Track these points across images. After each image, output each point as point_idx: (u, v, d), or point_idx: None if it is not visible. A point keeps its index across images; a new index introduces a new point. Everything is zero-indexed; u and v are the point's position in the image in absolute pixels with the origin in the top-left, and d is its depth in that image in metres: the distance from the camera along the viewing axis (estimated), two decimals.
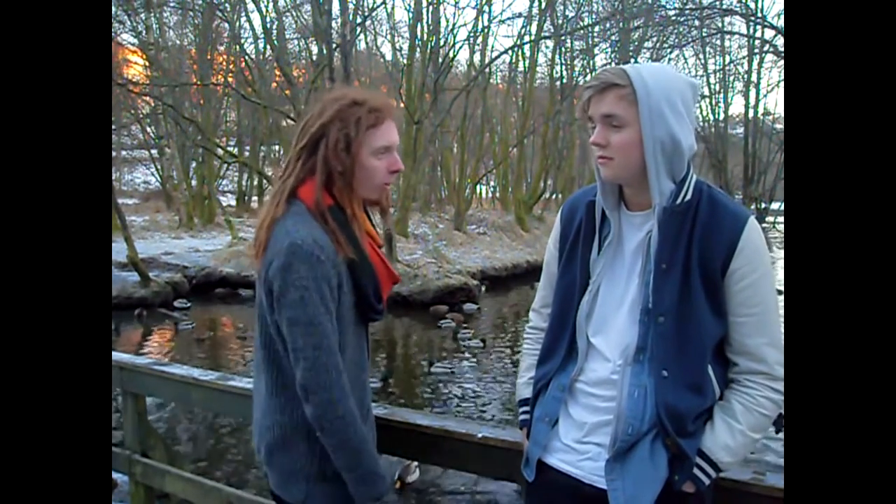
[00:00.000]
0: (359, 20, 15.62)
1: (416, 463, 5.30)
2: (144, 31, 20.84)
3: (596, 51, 24.00)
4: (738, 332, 1.35)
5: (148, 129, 28.32)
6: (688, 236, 1.33)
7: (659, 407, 1.32)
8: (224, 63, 24.42)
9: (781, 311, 1.31)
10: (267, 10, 19.83)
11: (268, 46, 20.60)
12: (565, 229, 1.52)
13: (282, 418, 1.58)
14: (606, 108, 1.33)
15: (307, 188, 1.55)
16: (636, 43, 20.47)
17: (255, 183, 30.05)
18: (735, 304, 1.33)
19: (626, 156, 1.34)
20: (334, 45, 13.39)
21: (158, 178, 31.29)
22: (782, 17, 16.32)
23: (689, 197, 1.34)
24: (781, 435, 6.05)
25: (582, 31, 21.75)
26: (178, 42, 24.56)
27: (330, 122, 1.54)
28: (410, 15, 21.40)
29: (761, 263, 1.33)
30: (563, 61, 25.34)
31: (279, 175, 1.62)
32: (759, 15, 17.22)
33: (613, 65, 1.42)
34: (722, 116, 33.82)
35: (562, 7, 22.35)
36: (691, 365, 1.33)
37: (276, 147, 26.67)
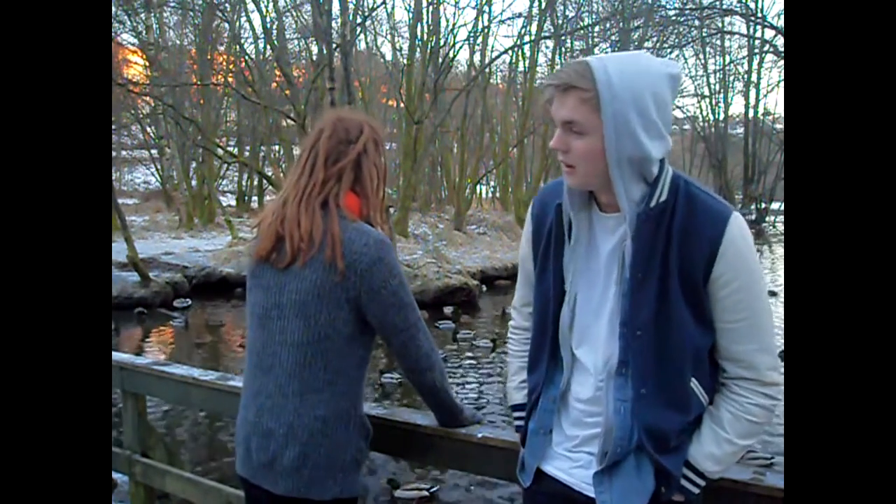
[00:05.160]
0: (359, 20, 15.59)
1: (423, 493, 5.21)
2: (144, 31, 20.88)
3: (596, 51, 24.00)
4: (725, 339, 1.27)
5: (148, 129, 28.34)
6: (664, 242, 1.23)
7: (639, 426, 1.26)
8: (224, 63, 24.40)
9: (780, 312, 1.30)
10: (267, 10, 19.87)
11: (268, 46, 20.62)
12: (538, 227, 1.42)
13: (324, 412, 1.62)
14: (566, 114, 1.22)
15: (352, 199, 1.68)
16: (636, 43, 20.45)
17: (255, 183, 30.03)
18: (720, 311, 1.25)
19: (589, 164, 1.23)
20: (334, 45, 13.37)
21: (158, 178, 31.31)
22: (782, 17, 16.33)
23: (664, 197, 1.23)
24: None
25: (582, 31, 21.77)
26: (178, 42, 24.59)
27: (368, 140, 1.70)
28: (410, 15, 21.44)
29: (745, 267, 1.23)
30: (563, 61, 25.34)
31: (305, 183, 1.66)
32: (759, 15, 17.23)
33: None
34: (722, 116, 33.88)
35: (562, 7, 22.37)
36: (671, 380, 1.26)
37: (277, 147, 26.67)
